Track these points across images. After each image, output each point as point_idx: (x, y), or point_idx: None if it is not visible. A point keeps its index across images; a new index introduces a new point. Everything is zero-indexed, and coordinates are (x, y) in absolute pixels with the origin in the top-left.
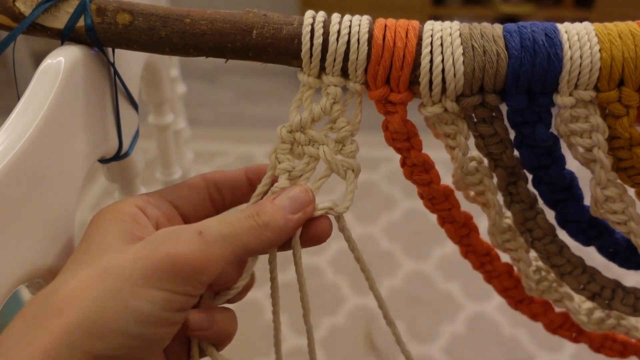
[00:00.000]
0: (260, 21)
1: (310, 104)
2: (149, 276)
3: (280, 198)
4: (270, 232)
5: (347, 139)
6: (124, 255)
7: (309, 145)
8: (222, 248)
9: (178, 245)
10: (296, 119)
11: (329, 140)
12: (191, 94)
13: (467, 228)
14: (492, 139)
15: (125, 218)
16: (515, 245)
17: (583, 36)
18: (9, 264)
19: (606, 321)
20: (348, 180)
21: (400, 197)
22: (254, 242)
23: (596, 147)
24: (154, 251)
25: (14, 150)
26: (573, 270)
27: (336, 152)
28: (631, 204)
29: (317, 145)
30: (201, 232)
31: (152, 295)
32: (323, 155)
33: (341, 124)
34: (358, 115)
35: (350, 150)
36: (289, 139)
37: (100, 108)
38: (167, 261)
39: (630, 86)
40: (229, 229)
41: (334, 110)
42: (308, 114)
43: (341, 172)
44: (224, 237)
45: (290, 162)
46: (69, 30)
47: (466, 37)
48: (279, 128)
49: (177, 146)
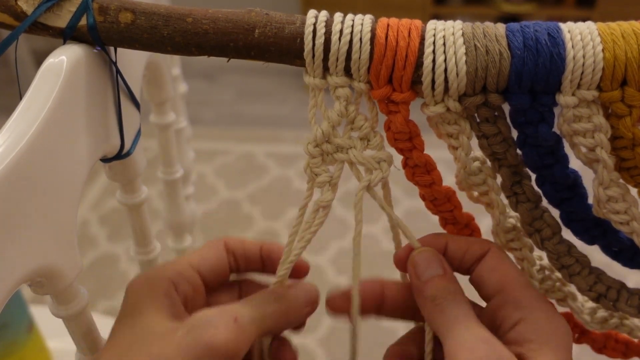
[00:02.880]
0: (263, 20)
1: (326, 111)
2: None
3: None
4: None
5: (370, 134)
6: (169, 346)
7: (338, 152)
8: (252, 333)
9: (217, 333)
10: (318, 133)
11: (354, 141)
12: (192, 93)
13: (469, 229)
14: (495, 138)
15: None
16: (520, 244)
17: (586, 36)
18: (11, 263)
19: (609, 321)
20: (384, 171)
21: (402, 197)
22: (276, 325)
23: (599, 147)
24: (196, 340)
25: (16, 150)
26: (581, 271)
27: (364, 148)
28: (634, 203)
29: (346, 149)
30: (237, 318)
31: None
32: (354, 158)
33: (360, 122)
34: (373, 109)
35: (377, 143)
36: (317, 153)
37: (102, 107)
38: (208, 350)
39: (633, 86)
40: (259, 315)
41: (349, 111)
42: (327, 123)
43: (375, 167)
44: (255, 322)
45: (326, 172)
46: (71, 29)
47: (469, 37)
48: (305, 145)
49: (179, 145)
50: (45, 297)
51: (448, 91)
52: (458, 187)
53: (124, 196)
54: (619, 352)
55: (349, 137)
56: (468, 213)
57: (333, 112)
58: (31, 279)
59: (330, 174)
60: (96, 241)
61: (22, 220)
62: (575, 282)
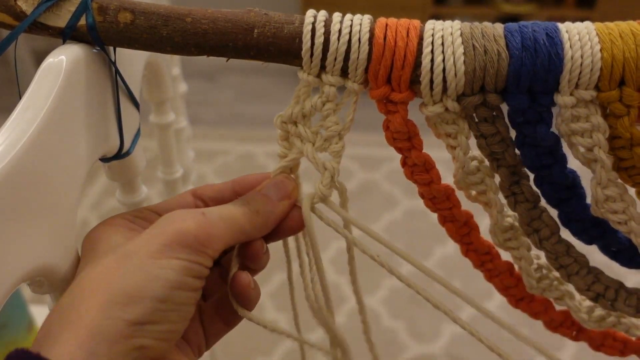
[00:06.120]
0: (262, 20)
1: (305, 99)
2: (164, 249)
3: (266, 187)
4: (261, 218)
5: (334, 137)
6: (136, 239)
7: (298, 139)
8: (222, 228)
9: (184, 222)
10: (288, 111)
11: (317, 137)
12: (192, 93)
13: (468, 227)
14: (494, 138)
15: (119, 228)
16: (517, 243)
17: (584, 36)
18: (11, 262)
19: (607, 319)
20: (323, 177)
21: (401, 197)
22: (248, 226)
23: (597, 147)
24: (164, 229)
25: (15, 149)
26: (580, 270)
27: (322, 149)
28: (632, 203)
29: (303, 140)
30: (204, 213)
31: (171, 264)
32: (306, 152)
33: (329, 123)
34: (350, 115)
35: (335, 149)
36: (283, 129)
37: (102, 107)
38: (177, 235)
39: (631, 86)
40: (227, 212)
41: (325, 108)
42: (299, 108)
43: (320, 170)
44: (223, 218)
45: (286, 149)
46: (70, 29)
47: (467, 37)
48: (276, 117)
49: (178, 145)
50: (44, 296)
51: (446, 91)
52: (456, 187)
53: (123, 196)
54: (617, 350)
55: (315, 132)
56: (467, 211)
57: (308, 102)
58: (31, 278)
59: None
60: None
61: (22, 219)
62: (573, 282)
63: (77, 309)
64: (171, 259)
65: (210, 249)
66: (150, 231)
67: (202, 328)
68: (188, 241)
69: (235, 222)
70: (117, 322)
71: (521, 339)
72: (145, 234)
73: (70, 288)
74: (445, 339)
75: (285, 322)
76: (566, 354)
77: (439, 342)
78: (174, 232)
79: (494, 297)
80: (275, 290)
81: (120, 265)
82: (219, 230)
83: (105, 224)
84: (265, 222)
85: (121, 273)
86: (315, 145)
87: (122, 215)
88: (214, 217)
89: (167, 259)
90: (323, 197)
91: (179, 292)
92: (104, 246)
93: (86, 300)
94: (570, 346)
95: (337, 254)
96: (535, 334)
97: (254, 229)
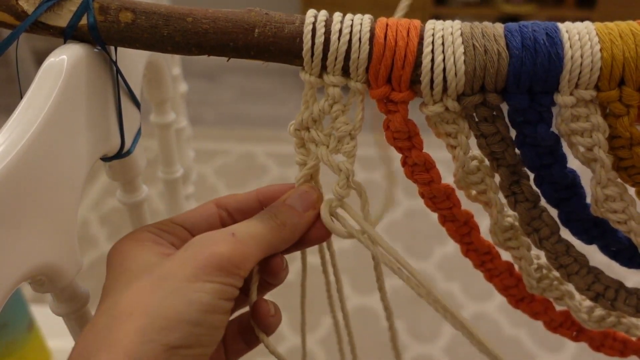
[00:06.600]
0: (262, 20)
1: (312, 103)
2: (199, 273)
3: (291, 198)
4: (288, 231)
5: (345, 138)
6: (170, 262)
7: (313, 143)
8: (252, 246)
9: (217, 245)
10: (298, 118)
11: (329, 139)
12: (193, 93)
13: (468, 226)
14: (494, 137)
15: (146, 243)
16: (517, 243)
17: (584, 35)
18: (12, 261)
19: (607, 319)
20: (339, 179)
21: (401, 197)
22: (276, 240)
23: (597, 147)
24: (197, 253)
25: (16, 149)
26: (580, 270)
27: (336, 150)
28: (631, 203)
29: (317, 144)
30: (234, 233)
31: (206, 287)
32: (320, 156)
33: (339, 124)
34: (359, 114)
35: (347, 150)
36: (297, 136)
37: (103, 106)
38: (212, 259)
39: (630, 85)
40: (256, 230)
41: (333, 110)
42: (309, 113)
43: (336, 171)
44: (253, 236)
45: (304, 156)
46: (71, 29)
47: (467, 36)
48: (289, 125)
49: (179, 145)
50: (45, 296)
51: (447, 91)
52: (456, 186)
53: (124, 196)
54: (617, 350)
55: (329, 134)
56: (467, 210)
57: (316, 106)
58: (32, 277)
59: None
60: (96, 241)
61: (23, 218)
62: (573, 282)
63: (114, 331)
64: (205, 283)
65: (243, 269)
66: (183, 254)
67: (224, 347)
68: (222, 264)
69: (264, 239)
70: (155, 346)
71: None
72: (178, 256)
73: (106, 308)
74: (445, 339)
75: (286, 322)
76: (566, 354)
77: (439, 342)
78: (208, 256)
79: (494, 298)
80: (275, 290)
81: (156, 288)
82: (250, 249)
83: (132, 239)
84: (292, 234)
85: (157, 297)
86: (330, 147)
87: (147, 228)
88: (244, 237)
89: (202, 283)
90: (341, 199)
91: (212, 315)
92: (133, 264)
93: (124, 323)
94: (570, 346)
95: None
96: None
97: (282, 242)
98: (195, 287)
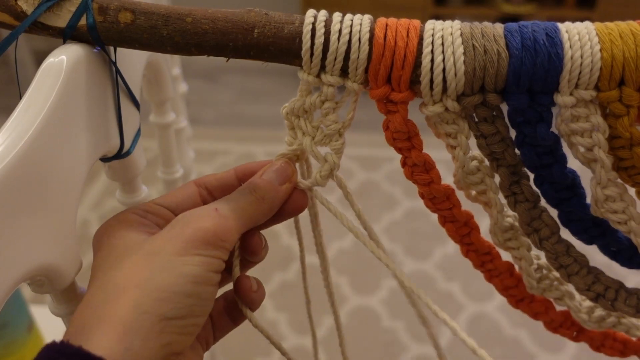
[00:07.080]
0: (262, 20)
1: (306, 96)
2: (188, 247)
3: (267, 173)
4: (266, 204)
5: (334, 135)
6: (158, 239)
7: (300, 131)
8: (234, 220)
9: (202, 221)
10: (291, 104)
11: (316, 132)
12: (192, 93)
13: (468, 227)
14: (494, 137)
15: (133, 223)
16: (517, 243)
17: (584, 36)
18: (11, 262)
19: (607, 319)
20: (322, 168)
21: (401, 197)
22: (256, 213)
23: (597, 147)
24: (185, 229)
25: (16, 149)
26: (580, 270)
27: (323, 144)
28: (631, 203)
29: (305, 134)
30: (217, 209)
31: (195, 260)
32: (304, 145)
33: (328, 121)
34: (351, 113)
35: (335, 147)
36: (288, 119)
37: (102, 107)
38: (198, 233)
39: (630, 86)
40: (236, 204)
41: (324, 107)
42: (301, 103)
43: (321, 162)
44: (234, 211)
45: (292, 138)
46: (71, 29)
47: (467, 37)
48: (282, 107)
49: (179, 145)
50: (45, 296)
51: (446, 91)
52: (456, 186)
53: (124, 196)
54: (617, 350)
55: (316, 127)
56: (467, 211)
57: (309, 98)
58: (31, 278)
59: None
60: None
61: (22, 218)
62: (573, 282)
63: (110, 306)
64: (194, 256)
65: (228, 242)
66: (171, 231)
67: (211, 323)
68: (208, 238)
69: (245, 213)
70: (150, 317)
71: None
72: (164, 233)
73: (100, 284)
74: (445, 339)
75: (286, 322)
76: (566, 355)
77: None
78: (194, 231)
79: (494, 298)
80: (275, 290)
81: (148, 263)
82: (233, 223)
83: (117, 220)
84: (271, 207)
85: (150, 271)
86: (315, 139)
87: (132, 210)
88: (227, 212)
89: (191, 256)
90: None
91: (202, 286)
92: (121, 243)
93: (119, 297)
94: (571, 346)
95: (337, 254)
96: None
97: (261, 215)
98: (185, 260)
